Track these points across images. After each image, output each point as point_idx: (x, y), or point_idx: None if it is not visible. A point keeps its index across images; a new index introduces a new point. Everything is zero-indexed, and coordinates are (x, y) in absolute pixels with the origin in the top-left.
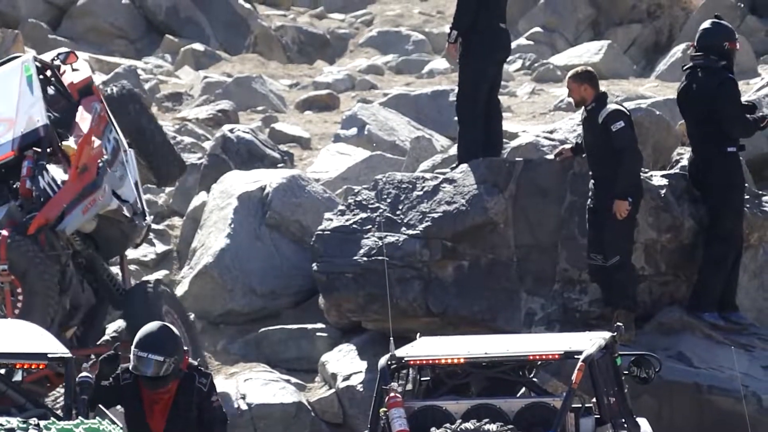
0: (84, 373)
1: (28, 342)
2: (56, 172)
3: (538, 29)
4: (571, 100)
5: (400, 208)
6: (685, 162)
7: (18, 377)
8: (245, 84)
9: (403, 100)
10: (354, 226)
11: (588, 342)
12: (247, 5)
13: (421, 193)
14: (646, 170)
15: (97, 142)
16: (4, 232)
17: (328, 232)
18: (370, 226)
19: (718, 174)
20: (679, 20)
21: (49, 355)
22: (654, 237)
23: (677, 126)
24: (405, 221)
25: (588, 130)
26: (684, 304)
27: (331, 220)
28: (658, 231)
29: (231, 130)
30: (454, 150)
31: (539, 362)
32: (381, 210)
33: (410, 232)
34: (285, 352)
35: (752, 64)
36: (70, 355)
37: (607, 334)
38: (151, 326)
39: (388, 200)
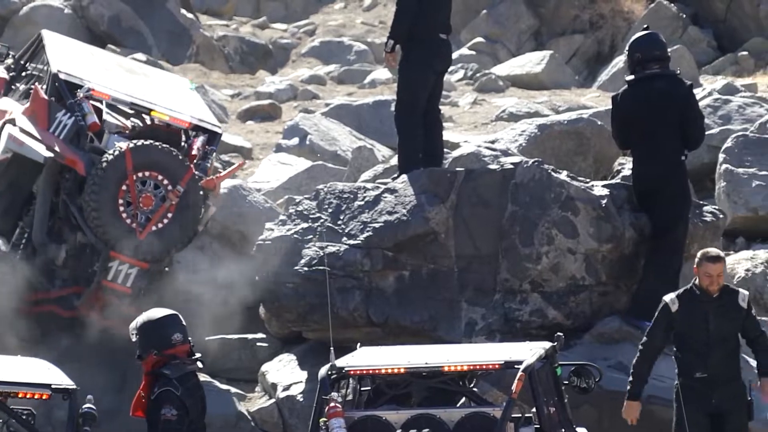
0: (87, 405)
1: (33, 373)
2: None
3: (480, 39)
4: (717, 281)
5: (342, 218)
6: (626, 172)
7: None
8: None
9: (345, 110)
10: (295, 236)
11: (528, 352)
12: (189, 15)
13: (362, 203)
14: (588, 180)
15: None
16: (192, 166)
17: (270, 242)
18: (312, 236)
19: (675, 183)
20: (621, 31)
21: (52, 386)
22: (595, 247)
23: None
24: (346, 231)
25: (721, 315)
26: (624, 314)
27: (272, 230)
28: (599, 241)
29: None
30: (395, 160)
31: (479, 372)
32: (322, 220)
33: (351, 242)
34: (225, 362)
35: (694, 74)
36: (74, 386)
37: (548, 344)
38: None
39: (330, 210)
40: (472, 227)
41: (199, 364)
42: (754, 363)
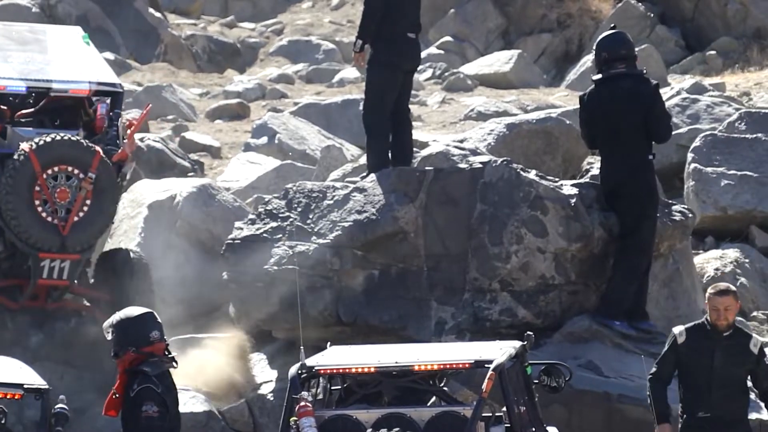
0: (60, 405)
1: (5, 372)
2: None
3: (448, 38)
4: (724, 315)
5: (311, 217)
6: (595, 171)
7: None
8: (155, 93)
9: (314, 109)
10: (264, 235)
11: (498, 351)
12: (157, 14)
13: (331, 202)
14: (557, 179)
15: None
16: (98, 149)
17: (239, 241)
18: (281, 235)
19: (640, 183)
20: (589, 30)
21: (25, 386)
22: (564, 246)
23: None
24: (315, 230)
25: (729, 356)
26: (594, 313)
27: (242, 229)
28: (568, 240)
29: (141, 139)
30: (364, 159)
31: (449, 371)
32: (291, 219)
33: (321, 241)
34: (195, 360)
35: (662, 74)
36: (46, 386)
37: (518, 343)
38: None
39: (299, 209)
40: (442, 226)
41: (175, 364)
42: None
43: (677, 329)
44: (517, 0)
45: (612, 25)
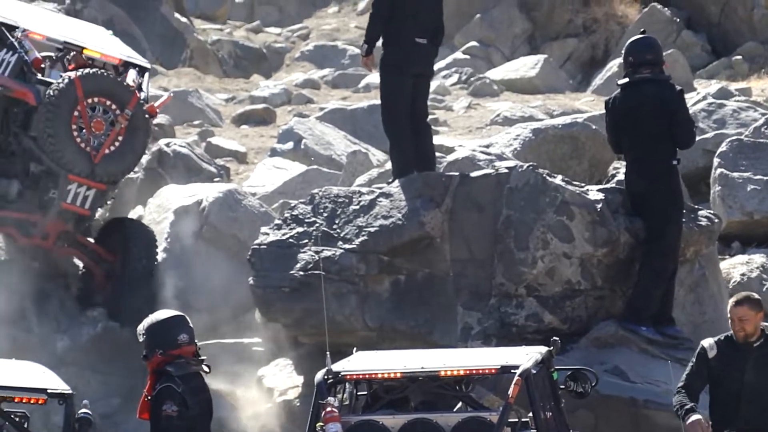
0: (84, 410)
1: (29, 377)
2: None
3: (474, 44)
4: (740, 325)
5: (337, 222)
6: (621, 176)
7: None
8: (181, 98)
9: (340, 114)
10: (290, 240)
11: (524, 356)
12: (183, 19)
13: (357, 207)
14: (583, 184)
15: None
16: (137, 93)
17: (265, 247)
18: (307, 241)
19: (664, 188)
20: (614, 35)
21: (48, 390)
22: (590, 251)
23: None
24: (341, 235)
25: (761, 367)
26: (620, 318)
27: (268, 234)
28: (594, 245)
29: (167, 144)
30: (390, 164)
31: (476, 377)
32: (317, 224)
33: (347, 246)
34: (222, 366)
35: (688, 79)
36: (70, 391)
37: (544, 349)
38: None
39: (325, 214)
40: (468, 231)
41: (205, 368)
42: None
43: (707, 342)
44: (543, 5)
45: (642, 29)
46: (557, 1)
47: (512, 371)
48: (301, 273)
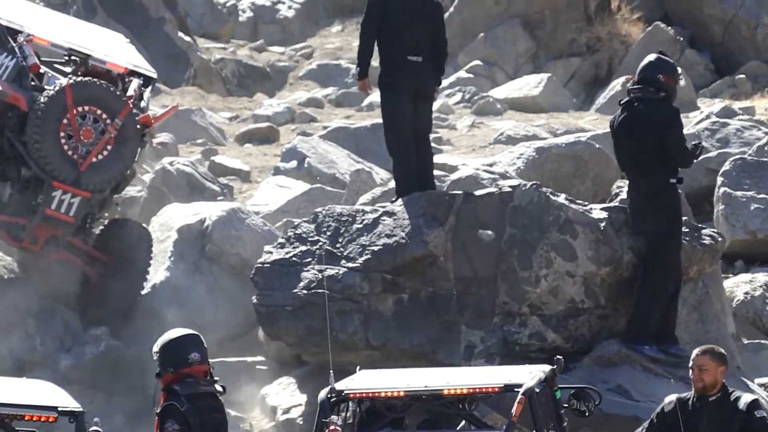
0: (94, 427)
1: (40, 395)
2: None
3: (477, 62)
4: (699, 375)
5: (340, 240)
6: (624, 195)
7: None
8: (185, 116)
9: (343, 133)
10: (294, 258)
11: (528, 375)
12: (187, 38)
13: (360, 225)
14: (586, 203)
15: None
16: (128, 101)
17: (268, 265)
18: (310, 259)
19: (662, 206)
20: (618, 54)
21: (59, 408)
22: (593, 270)
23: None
24: (345, 254)
25: (712, 424)
26: (623, 337)
27: (271, 252)
28: (598, 264)
29: (171, 163)
30: (393, 183)
31: (479, 395)
32: (321, 243)
33: (350, 265)
34: (225, 384)
35: (691, 98)
36: (80, 408)
37: (547, 367)
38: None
39: (328, 233)
40: (471, 250)
41: (218, 387)
42: None
43: (668, 398)
44: (547, 24)
45: (659, 50)
46: (561, 20)
47: (515, 390)
48: (305, 292)
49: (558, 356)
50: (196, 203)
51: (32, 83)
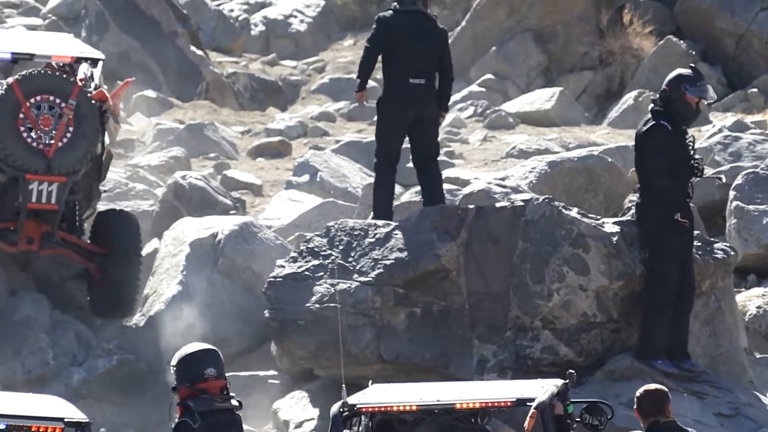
0: None
1: (46, 407)
2: None
3: (490, 76)
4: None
5: (353, 255)
6: None
7: None
8: (197, 131)
9: (355, 147)
10: (306, 273)
11: (540, 389)
12: (199, 52)
13: (373, 240)
14: (598, 217)
15: None
16: (79, 81)
17: (280, 279)
18: (322, 273)
19: (654, 216)
20: (630, 67)
21: (65, 419)
22: (606, 284)
23: (629, 173)
24: (357, 268)
25: None
26: (635, 352)
27: (283, 267)
28: (610, 278)
29: (183, 177)
30: (406, 197)
31: (491, 409)
32: (333, 257)
33: (362, 279)
34: (238, 398)
35: (704, 111)
36: (86, 419)
37: (559, 381)
38: None
39: (341, 247)
40: (483, 264)
41: (235, 402)
42: None
43: None
44: (559, 38)
45: (691, 63)
46: (573, 33)
47: (528, 404)
48: (317, 306)
49: (570, 370)
50: (209, 217)
51: None
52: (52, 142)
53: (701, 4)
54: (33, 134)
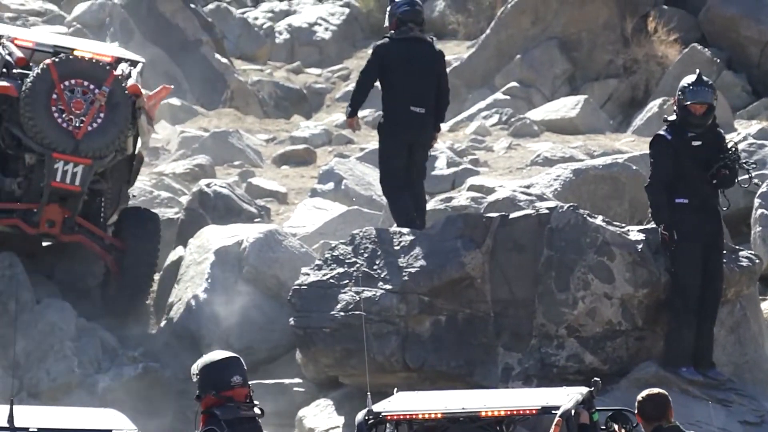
0: None
1: (97, 419)
2: None
3: (514, 84)
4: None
5: (377, 262)
6: None
7: None
8: (222, 138)
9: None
10: (331, 280)
11: (565, 397)
12: (224, 60)
13: (398, 247)
14: (623, 225)
15: None
16: (114, 69)
17: (305, 287)
18: (347, 281)
19: (673, 224)
20: (655, 75)
21: (113, 431)
22: (631, 292)
23: None
24: (382, 276)
25: None
26: (660, 359)
27: (308, 274)
28: (635, 286)
29: (208, 185)
30: (431, 205)
31: (516, 417)
32: (358, 265)
33: (387, 286)
34: (262, 406)
35: (728, 119)
36: (135, 430)
37: (585, 389)
38: None
39: (365, 255)
40: (508, 272)
41: (257, 410)
42: None
43: None
44: (584, 45)
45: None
46: (598, 41)
47: (553, 412)
48: (342, 313)
49: (595, 378)
50: (234, 225)
51: (19, 73)
52: (82, 125)
53: (726, 12)
54: (64, 116)
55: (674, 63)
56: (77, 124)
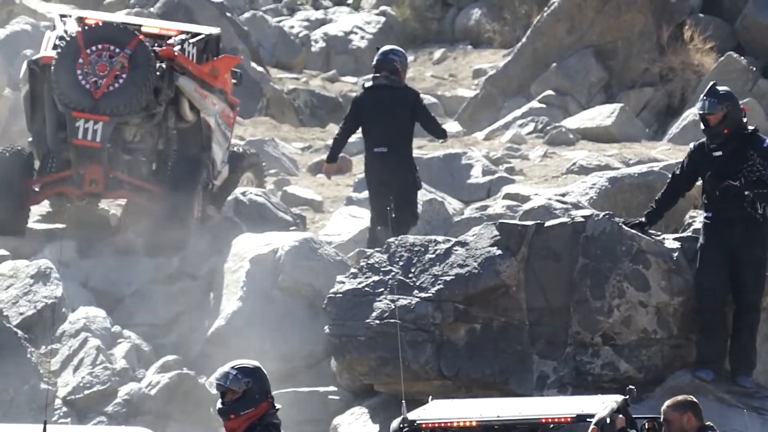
0: None
1: None
2: None
3: (550, 92)
4: (666, 427)
5: (413, 271)
6: (697, 225)
7: None
8: (258, 147)
9: (416, 163)
10: (366, 289)
11: (600, 405)
12: (260, 68)
13: (433, 256)
14: (659, 233)
15: None
16: (139, 33)
17: (341, 295)
18: (383, 289)
19: (701, 236)
20: (691, 84)
21: None
22: (666, 300)
23: None
24: (417, 284)
25: None
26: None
27: (344, 282)
28: (671, 294)
29: (243, 193)
30: (467, 213)
31: (551, 425)
32: (393, 273)
33: (422, 294)
34: (297, 414)
35: (765, 128)
36: None
37: (620, 398)
38: None
39: (401, 263)
40: (543, 280)
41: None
42: None
43: None
44: (619, 54)
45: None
46: (633, 50)
47: (588, 420)
48: (377, 322)
49: (630, 386)
50: (269, 233)
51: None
52: (101, 85)
53: (762, 20)
54: (88, 78)
55: (710, 71)
56: (98, 85)
